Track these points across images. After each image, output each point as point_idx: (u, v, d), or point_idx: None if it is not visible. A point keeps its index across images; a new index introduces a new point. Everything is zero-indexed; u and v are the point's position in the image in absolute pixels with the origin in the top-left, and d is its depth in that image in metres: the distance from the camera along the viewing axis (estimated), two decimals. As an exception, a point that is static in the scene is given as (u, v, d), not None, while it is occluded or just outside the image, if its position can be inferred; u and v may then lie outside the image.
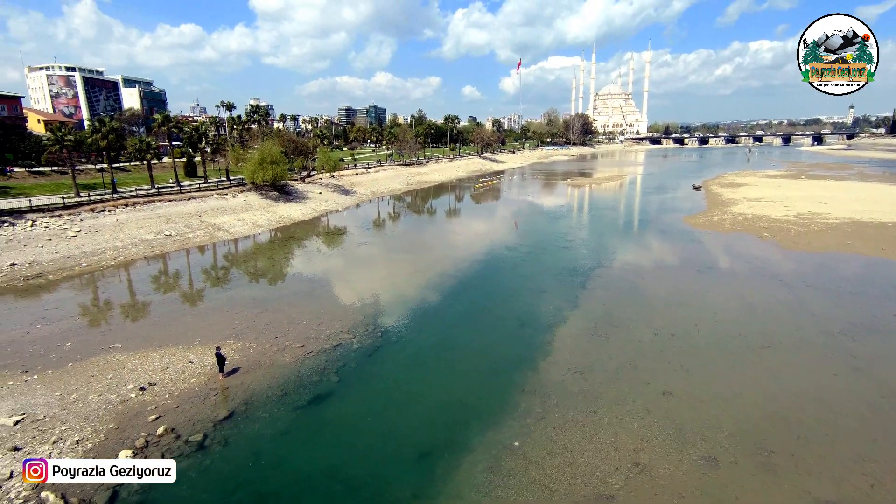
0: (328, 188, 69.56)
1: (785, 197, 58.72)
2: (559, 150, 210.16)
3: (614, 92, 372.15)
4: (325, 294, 28.03)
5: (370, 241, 42.78)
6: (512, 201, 71.56)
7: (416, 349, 20.84)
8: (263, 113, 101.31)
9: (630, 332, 21.51)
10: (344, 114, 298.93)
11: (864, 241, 35.39)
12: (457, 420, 15.48)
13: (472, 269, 32.82)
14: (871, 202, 52.32)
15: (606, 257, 35.11)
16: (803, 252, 33.68)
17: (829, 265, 30.82)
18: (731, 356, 19.01)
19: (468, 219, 57.82)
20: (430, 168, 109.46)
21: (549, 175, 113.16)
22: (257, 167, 55.61)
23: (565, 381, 17.36)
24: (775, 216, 46.16)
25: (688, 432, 14.18)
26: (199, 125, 66.63)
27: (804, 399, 15.91)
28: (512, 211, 60.85)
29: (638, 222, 52.04)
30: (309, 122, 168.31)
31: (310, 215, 54.47)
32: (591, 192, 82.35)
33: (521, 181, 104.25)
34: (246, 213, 50.17)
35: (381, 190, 78.09)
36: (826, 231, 39.28)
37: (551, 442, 13.98)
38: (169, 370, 18.11)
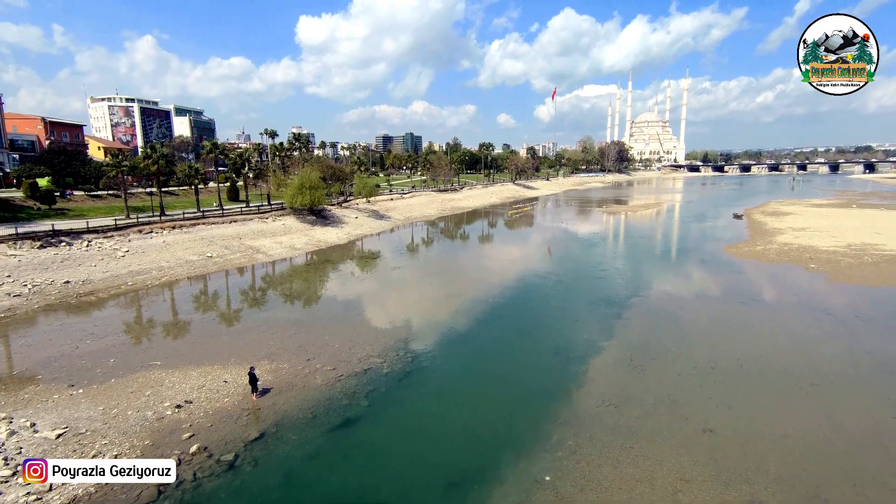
0: (364, 213, 70.96)
1: (833, 227, 56.09)
2: (594, 178, 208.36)
3: (651, 119, 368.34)
4: (358, 317, 28.31)
5: (403, 266, 43.15)
6: (545, 228, 71.06)
7: (447, 375, 20.67)
8: (304, 140, 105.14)
9: (668, 364, 20.72)
10: (381, 141, 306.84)
11: (923, 275, 33.27)
12: (487, 449, 15.14)
13: (504, 296, 32.55)
14: (931, 233, 49.31)
15: (643, 286, 34.20)
16: (856, 285, 31.90)
17: (886, 300, 29.06)
18: (777, 393, 17.99)
19: (501, 245, 57.65)
20: (464, 194, 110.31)
21: (584, 202, 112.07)
22: (296, 192, 57.41)
23: (600, 414, 16.78)
24: (823, 247, 44.06)
25: (730, 474, 13.40)
26: (243, 152, 69.77)
27: (860, 442, 14.83)
28: (545, 237, 60.36)
29: (676, 251, 50.65)
30: (347, 149, 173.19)
31: (345, 239, 55.55)
32: (626, 219, 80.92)
33: (555, 208, 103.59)
34: (284, 236, 51.62)
35: (415, 215, 79.05)
36: (881, 263, 37.16)
37: (584, 478, 13.46)
38: (205, 389, 18.53)
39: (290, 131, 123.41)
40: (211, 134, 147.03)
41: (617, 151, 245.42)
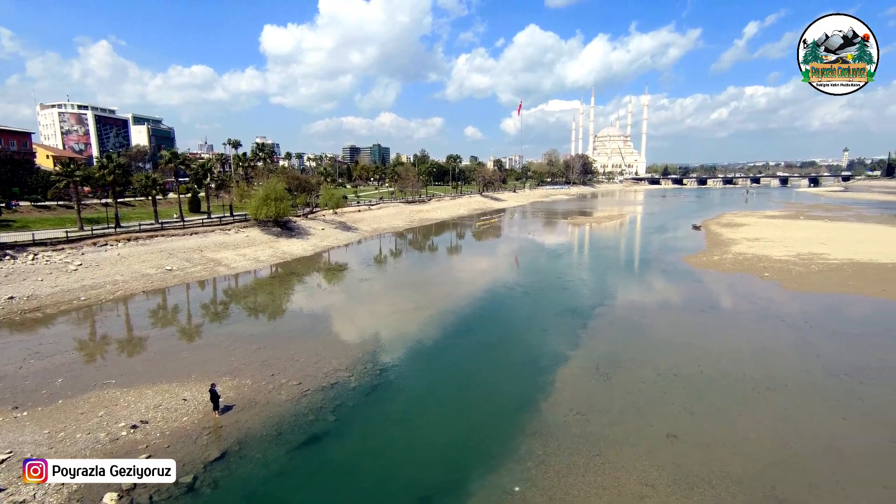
0: (330, 224, 70.09)
1: (784, 237, 58.95)
2: (559, 190, 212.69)
3: (613, 134, 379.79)
4: (325, 331, 27.78)
5: (371, 278, 42.73)
6: (513, 239, 71.88)
7: (416, 388, 20.47)
8: (269, 151, 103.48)
9: (633, 372, 21.15)
10: (348, 152, 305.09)
11: (865, 282, 35.25)
12: (456, 463, 15.02)
13: (473, 307, 32.63)
14: (871, 243, 52.44)
15: (608, 296, 34.94)
16: (806, 293, 33.50)
17: (833, 306, 30.59)
18: (737, 398, 18.60)
19: (469, 256, 57.93)
20: (432, 206, 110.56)
21: (550, 214, 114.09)
22: (261, 203, 56.27)
23: (567, 423, 16.93)
24: (775, 256, 46.19)
25: (694, 478, 13.71)
26: (205, 162, 67.95)
27: (814, 444, 15.46)
28: (513, 249, 61.02)
29: (639, 261, 52.07)
30: (314, 160, 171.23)
31: (311, 251, 54.65)
32: (591, 230, 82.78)
33: (522, 219, 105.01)
34: (248, 248, 50.37)
35: (383, 227, 78.63)
36: (827, 272, 39.20)
37: (553, 487, 13.50)
38: (162, 408, 17.73)
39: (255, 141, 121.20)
40: (171, 143, 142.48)
41: (581, 164, 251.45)
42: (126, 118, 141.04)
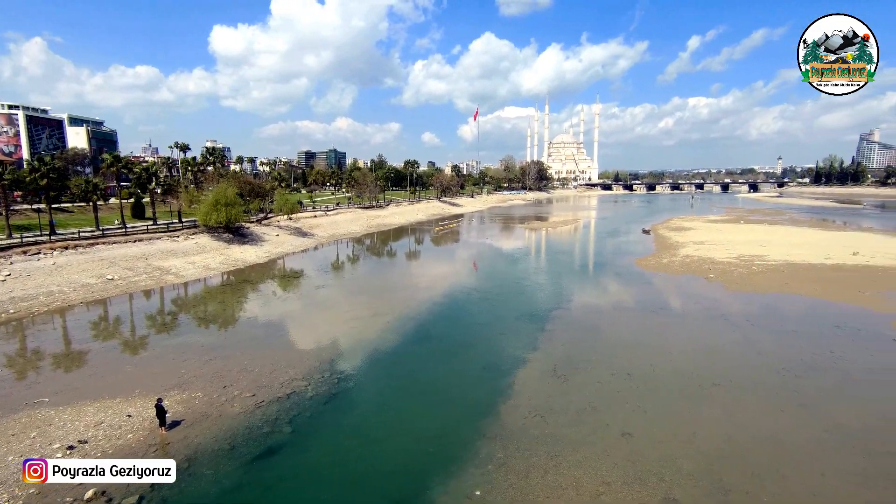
0: (285, 231, 68.41)
1: (727, 240, 62.18)
2: (516, 195, 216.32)
3: (567, 141, 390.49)
4: (280, 340, 27.01)
5: (328, 285, 41.95)
6: (471, 244, 72.42)
7: (375, 396, 20.21)
8: (219, 155, 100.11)
9: (589, 373, 21.68)
10: (304, 157, 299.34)
11: (800, 282, 37.66)
12: (417, 470, 14.89)
13: (432, 312, 32.59)
14: (804, 245, 56.13)
15: (564, 299, 35.74)
16: (747, 293, 35.41)
17: (771, 305, 32.45)
18: (686, 396, 19.38)
19: (428, 261, 57.90)
20: (390, 211, 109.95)
21: (507, 219, 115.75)
22: (211, 209, 54.27)
23: (527, 425, 17.14)
24: (719, 258, 48.63)
25: (648, 474, 14.16)
26: (150, 166, 64.96)
27: (756, 436, 16.29)
28: (471, 254, 61.47)
29: (593, 265, 53.60)
30: (267, 165, 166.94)
31: (266, 258, 53.10)
32: (547, 235, 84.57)
33: (480, 224, 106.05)
34: (197, 255, 48.39)
35: (340, 232, 77.47)
36: (766, 273, 41.61)
37: (513, 489, 13.61)
38: (104, 425, 16.70)
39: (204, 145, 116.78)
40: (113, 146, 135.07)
41: (537, 170, 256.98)
42: (61, 118, 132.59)
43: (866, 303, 31.62)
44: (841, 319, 28.49)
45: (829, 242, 58.57)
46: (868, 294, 33.63)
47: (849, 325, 27.33)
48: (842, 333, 26.19)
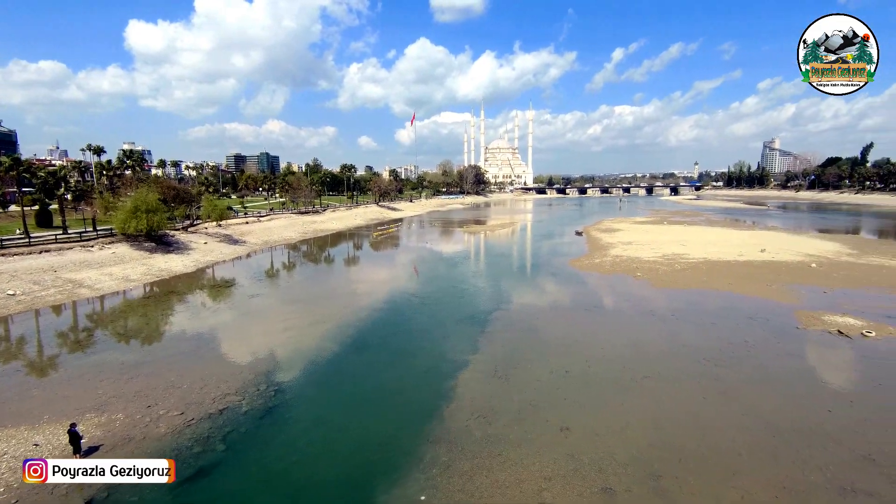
0: (215, 238, 65.03)
1: (652, 240, 66.07)
2: (454, 199, 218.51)
3: (503, 146, 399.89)
4: (211, 353, 25.56)
5: (263, 293, 40.28)
6: (411, 248, 72.26)
7: (315, 407, 19.60)
8: (138, 158, 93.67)
9: (529, 372, 22.20)
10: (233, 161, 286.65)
11: (717, 278, 40.67)
12: (361, 480, 14.58)
13: (372, 319, 32.14)
14: (719, 244, 60.76)
15: (503, 300, 36.45)
16: (671, 289, 37.75)
17: (693, 300, 34.79)
18: (619, 389, 20.31)
19: (368, 267, 57.14)
20: (326, 216, 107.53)
21: (446, 223, 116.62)
22: (130, 216, 50.58)
23: (470, 427, 17.26)
24: (646, 258, 51.56)
25: (586, 466, 14.68)
26: (58, 170, 59.62)
27: (682, 423, 17.35)
28: (411, 258, 61.31)
29: (530, 266, 55.12)
30: (193, 169, 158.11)
31: (193, 267, 50.17)
32: (486, 238, 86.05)
33: (420, 229, 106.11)
34: (115, 266, 44.87)
35: (274, 239, 74.70)
36: (687, 270, 44.60)
37: (458, 491, 13.65)
38: (6, 457, 15.03)
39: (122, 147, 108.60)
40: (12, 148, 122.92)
41: (474, 175, 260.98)
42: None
43: (773, 295, 34.67)
44: (753, 311, 31.02)
45: (740, 241, 63.80)
46: (774, 287, 36.89)
47: (759, 316, 29.80)
48: (754, 324, 28.52)
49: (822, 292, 35.12)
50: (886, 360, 22.72)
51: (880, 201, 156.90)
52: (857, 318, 28.18)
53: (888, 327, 26.58)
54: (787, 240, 65.34)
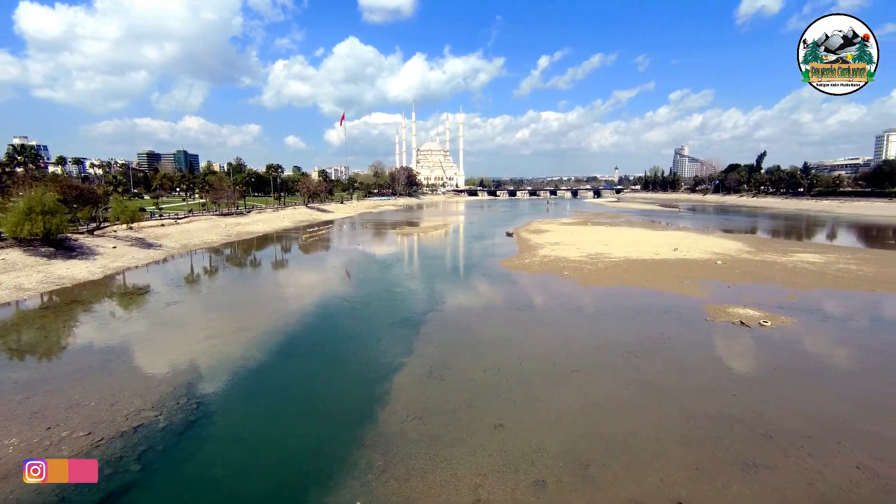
0: (125, 242, 60.12)
1: (578, 241, 69.23)
2: (387, 201, 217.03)
3: (434, 148, 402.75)
4: (122, 367, 23.51)
5: (182, 300, 37.71)
6: (343, 251, 70.78)
7: (241, 418, 18.60)
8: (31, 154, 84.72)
9: (463, 371, 22.42)
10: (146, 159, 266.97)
11: (636, 276, 43.31)
12: (292, 491, 14.01)
13: (302, 324, 31.09)
14: (638, 243, 64.82)
15: (437, 302, 36.61)
16: (595, 287, 39.72)
17: (615, 297, 36.81)
18: (550, 384, 21.03)
19: (297, 270, 55.26)
20: (252, 218, 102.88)
21: (379, 224, 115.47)
22: (22, 218, 45.49)
23: (405, 429, 17.14)
24: (572, 257, 53.91)
25: (519, 461, 15.05)
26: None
27: (608, 413, 18.27)
28: (343, 261, 60.05)
29: (463, 267, 55.82)
30: (100, 167, 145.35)
31: (101, 274, 46.02)
32: (419, 240, 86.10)
33: (352, 231, 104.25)
34: (5, 274, 40.17)
35: (194, 242, 70.30)
36: (610, 268, 47.13)
37: (394, 495, 13.49)
38: None
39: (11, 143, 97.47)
40: None
41: (406, 177, 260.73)
42: None
43: (685, 290, 37.47)
44: (668, 306, 33.34)
45: (656, 240, 68.44)
46: (686, 283, 39.90)
47: (673, 311, 32.07)
48: (669, 317, 30.64)
49: (726, 287, 38.44)
50: (780, 347, 25.24)
51: (773, 204, 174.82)
52: (756, 309, 31.10)
53: (780, 317, 29.56)
54: (696, 239, 70.98)
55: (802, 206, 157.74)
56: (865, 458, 14.89)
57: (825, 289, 37.71)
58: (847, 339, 26.43)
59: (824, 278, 41.30)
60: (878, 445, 15.63)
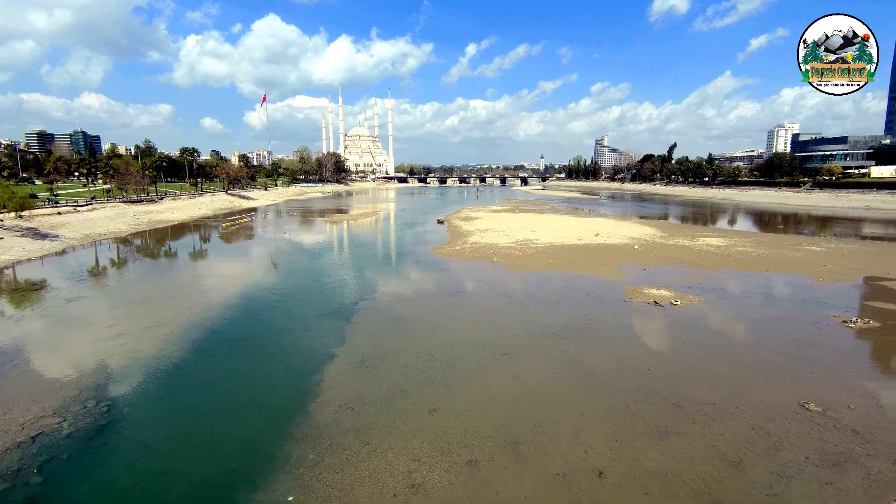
0: (14, 232, 53.87)
1: (507, 228, 71.05)
2: (314, 188, 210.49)
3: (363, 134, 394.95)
4: (15, 371, 21.17)
5: (85, 296, 34.47)
6: (268, 240, 67.86)
7: (159, 419, 17.43)
8: None
9: (396, 359, 22.40)
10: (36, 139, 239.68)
11: (561, 261, 45.26)
12: (219, 491, 13.40)
13: (226, 317, 29.54)
14: (563, 230, 67.67)
15: (369, 291, 36.19)
16: (523, 272, 41.04)
17: (542, 281, 38.25)
18: (481, 367, 21.54)
19: (218, 261, 52.28)
20: (165, 206, 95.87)
21: (306, 212, 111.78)
22: None
23: (338, 419, 16.89)
24: (501, 244, 55.29)
25: (452, 443, 15.34)
26: None
27: (537, 393, 19.04)
28: (269, 251, 57.62)
29: (395, 255, 55.49)
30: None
31: (-15, 269, 40.97)
32: (349, 228, 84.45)
33: (277, 219, 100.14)
34: None
35: (98, 232, 64.38)
36: (537, 254, 48.86)
37: (328, 486, 13.29)
38: None
39: None
40: None
41: (334, 163, 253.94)
42: None
43: (606, 273, 39.70)
44: (590, 288, 35.18)
45: (580, 227, 71.80)
46: (606, 266, 42.28)
47: (595, 293, 33.89)
48: (591, 299, 32.36)
49: (642, 269, 41.18)
50: (688, 323, 27.50)
51: (682, 192, 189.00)
52: (668, 289, 33.62)
53: (689, 296, 32.18)
54: (615, 225, 75.30)
55: (707, 195, 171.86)
56: (758, 419, 16.68)
57: (727, 269, 41.49)
58: (743, 315, 29.29)
59: (726, 260, 45.43)
60: (769, 407, 17.56)
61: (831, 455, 14.58)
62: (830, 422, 16.44)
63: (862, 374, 20.59)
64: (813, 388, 19.04)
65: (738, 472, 13.90)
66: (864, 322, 26.65)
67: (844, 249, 50.96)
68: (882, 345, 24.26)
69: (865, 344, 24.46)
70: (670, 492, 13.08)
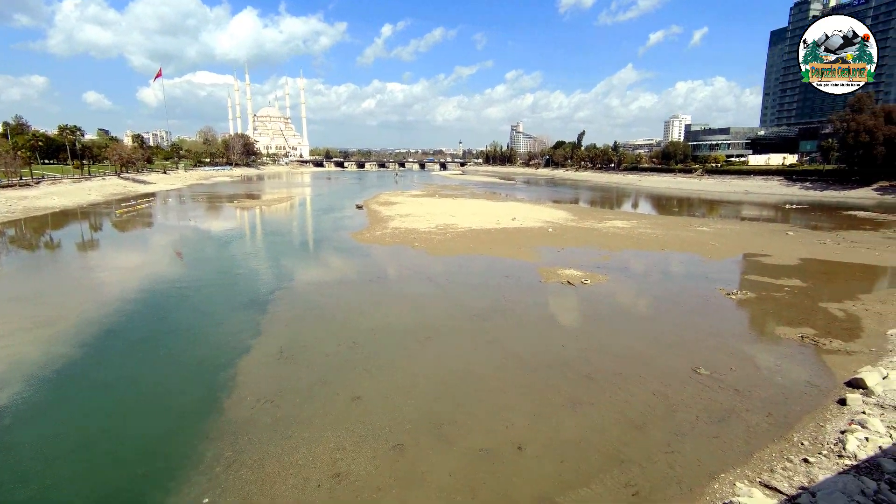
0: None
1: (427, 212, 71.31)
2: (221, 171, 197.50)
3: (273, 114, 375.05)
4: None
5: (-53, 295, 29.90)
6: (171, 228, 62.80)
7: (52, 427, 15.71)
8: None
9: (316, 349, 21.86)
10: None
11: (480, 244, 46.35)
12: (125, 498, 12.38)
13: (125, 313, 27.04)
14: (481, 214, 69.25)
15: (285, 279, 34.84)
16: (444, 256, 41.54)
17: (462, 264, 38.96)
18: (404, 351, 21.62)
19: (113, 252, 47.53)
20: (43, 191, 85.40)
21: (213, 197, 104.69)
22: None
23: (256, 415, 16.20)
24: (422, 229, 55.45)
25: (377, 429, 15.34)
26: None
27: (460, 373, 19.50)
28: (173, 239, 53.35)
29: (312, 242, 53.75)
30: None
31: None
32: (262, 214, 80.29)
33: (181, 205, 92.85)
34: None
35: (-40, 222, 55.93)
36: (457, 238, 49.62)
37: (247, 484, 12.76)
38: None
39: None
40: None
41: (242, 145, 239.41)
42: None
43: (522, 256, 41.29)
44: (508, 270, 36.42)
45: (498, 211, 73.83)
46: (523, 249, 43.96)
47: (513, 275, 35.16)
48: (509, 281, 33.53)
49: (556, 251, 43.30)
50: (598, 301, 29.43)
51: (591, 178, 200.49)
52: (579, 270, 35.67)
53: (598, 276, 34.38)
54: (531, 209, 78.34)
55: (613, 180, 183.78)
56: (658, 385, 18.35)
57: (630, 250, 44.80)
58: (645, 291, 31.87)
59: (630, 241, 49.03)
60: (666, 374, 19.36)
61: (717, 412, 16.43)
62: (717, 383, 18.49)
63: (741, 340, 23.30)
64: (703, 355, 21.25)
65: (641, 434, 15.24)
66: (743, 294, 30.14)
67: (728, 230, 57.16)
68: (757, 313, 27.57)
69: (744, 313, 27.68)
70: (584, 458, 14.06)
